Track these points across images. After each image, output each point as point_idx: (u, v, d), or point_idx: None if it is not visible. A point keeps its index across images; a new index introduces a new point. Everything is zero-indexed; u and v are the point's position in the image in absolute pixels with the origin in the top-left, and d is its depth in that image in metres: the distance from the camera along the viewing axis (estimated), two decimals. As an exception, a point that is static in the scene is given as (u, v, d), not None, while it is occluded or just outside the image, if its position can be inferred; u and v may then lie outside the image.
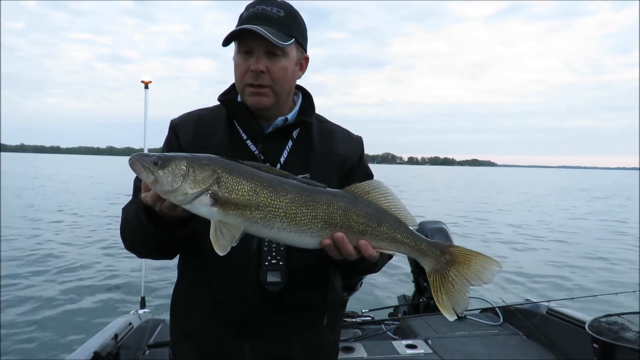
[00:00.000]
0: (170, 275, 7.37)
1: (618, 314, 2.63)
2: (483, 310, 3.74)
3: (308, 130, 1.49)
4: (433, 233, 3.74)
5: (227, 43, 1.37)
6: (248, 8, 1.39)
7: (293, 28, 1.39)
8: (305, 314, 1.45)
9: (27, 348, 5.16)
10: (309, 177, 1.41)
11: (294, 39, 1.38)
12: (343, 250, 1.17)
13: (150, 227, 1.23)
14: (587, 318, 2.75)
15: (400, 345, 3.09)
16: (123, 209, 1.43)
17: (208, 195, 1.09)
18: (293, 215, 1.13)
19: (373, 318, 3.81)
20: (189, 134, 1.47)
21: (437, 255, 1.21)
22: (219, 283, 1.39)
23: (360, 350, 3.02)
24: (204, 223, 1.14)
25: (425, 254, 1.22)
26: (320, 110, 1.56)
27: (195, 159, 1.12)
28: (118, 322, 3.22)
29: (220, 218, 1.11)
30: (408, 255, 1.25)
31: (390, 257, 1.41)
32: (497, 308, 3.64)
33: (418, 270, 4.01)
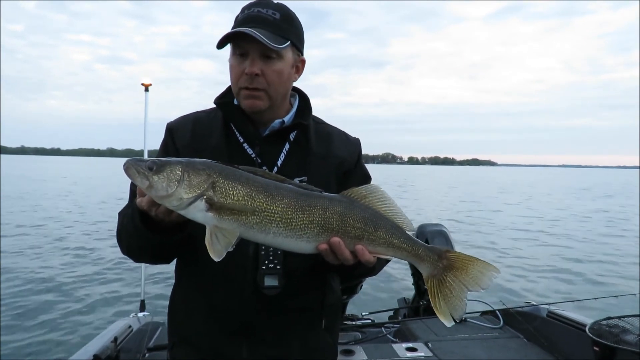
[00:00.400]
0: (170, 278, 7.35)
1: (619, 317, 2.63)
2: (483, 313, 3.73)
3: (305, 133, 1.48)
4: (433, 236, 3.74)
5: (221, 46, 1.36)
6: (243, 10, 1.38)
7: (289, 31, 1.38)
8: (303, 317, 1.44)
9: (26, 351, 5.16)
10: (307, 179, 1.40)
11: (290, 42, 1.37)
12: (339, 255, 1.16)
13: (146, 232, 1.22)
14: (587, 321, 2.74)
15: (401, 348, 3.09)
16: (119, 213, 1.42)
17: (203, 201, 1.09)
18: (289, 220, 1.12)
19: (373, 321, 3.79)
20: (186, 137, 1.46)
21: (434, 261, 1.20)
22: (217, 287, 1.39)
23: (360, 353, 3.01)
24: (200, 228, 1.13)
25: (423, 259, 1.21)
26: (320, 111, 1.55)
27: (190, 164, 1.11)
28: (118, 325, 3.23)
29: (216, 223, 1.10)
30: (405, 260, 1.24)
31: (388, 260, 1.41)
32: (497, 311, 3.63)
33: (418, 274, 3.99)
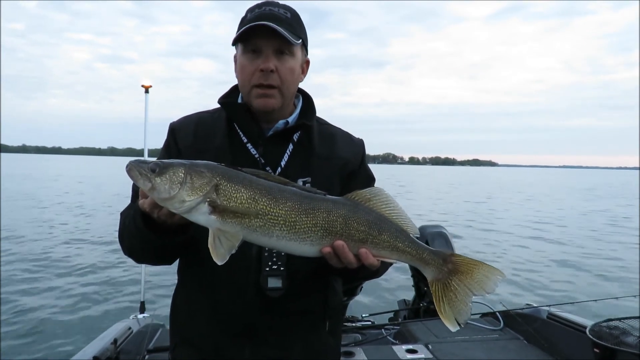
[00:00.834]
0: (170, 280, 7.34)
1: (619, 319, 2.63)
2: (483, 315, 3.73)
3: (309, 134, 1.47)
4: (433, 237, 3.73)
5: (237, 42, 1.36)
6: (253, 9, 1.37)
7: (299, 30, 1.39)
8: (306, 319, 1.44)
9: (27, 352, 5.14)
10: (310, 180, 1.39)
11: (301, 40, 1.38)
12: (343, 259, 1.15)
13: (148, 233, 1.21)
14: (588, 323, 2.75)
15: (401, 350, 3.09)
16: (121, 214, 1.41)
17: (206, 203, 1.08)
18: (292, 223, 1.11)
19: (373, 323, 3.79)
20: (189, 138, 1.45)
21: (439, 265, 1.19)
22: (219, 289, 1.38)
23: (361, 355, 3.01)
24: (203, 229, 1.12)
25: (427, 263, 1.19)
26: (321, 111, 1.55)
27: (193, 166, 1.10)
28: (117, 326, 3.23)
29: (219, 226, 1.09)
30: (410, 264, 1.23)
31: (392, 263, 1.41)
32: (497, 313, 3.63)
33: (418, 275, 4.00)
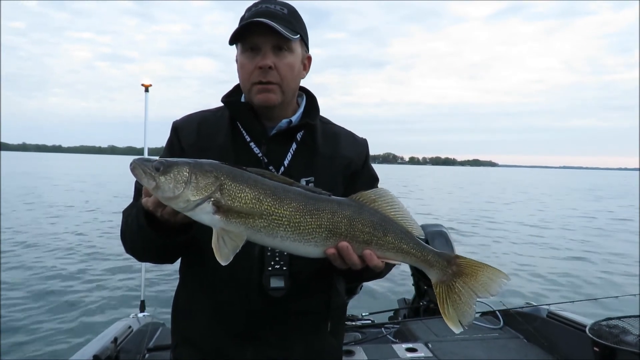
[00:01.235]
0: (171, 279, 7.35)
1: (619, 318, 2.63)
2: (483, 314, 3.74)
3: (312, 133, 1.46)
4: (433, 237, 3.73)
5: (234, 41, 1.36)
6: (251, 8, 1.38)
7: (297, 26, 1.38)
8: (308, 319, 1.43)
9: (26, 350, 5.13)
10: (314, 179, 1.39)
11: (300, 36, 1.38)
12: (347, 260, 1.15)
13: (151, 232, 1.21)
14: (587, 321, 2.75)
15: (401, 349, 3.09)
16: (123, 212, 1.41)
17: (210, 203, 1.07)
18: (297, 224, 1.11)
19: (373, 321, 3.80)
20: (192, 137, 1.44)
21: (443, 266, 1.18)
22: (221, 288, 1.38)
23: (361, 354, 3.02)
24: (206, 229, 1.12)
25: (432, 265, 1.19)
26: (321, 110, 1.53)
27: (198, 165, 1.10)
28: (118, 325, 3.22)
29: (223, 226, 1.08)
30: (414, 266, 1.23)
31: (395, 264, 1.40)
32: (497, 311, 3.63)
33: (418, 274, 4.00)
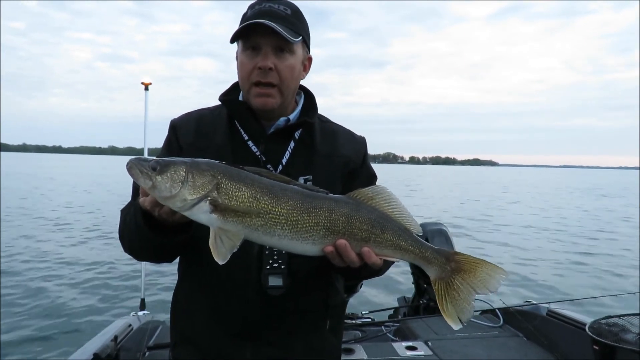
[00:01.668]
0: (171, 277, 7.35)
1: (618, 316, 2.63)
2: (483, 312, 3.74)
3: (310, 131, 1.46)
4: (433, 235, 3.73)
5: (235, 39, 1.35)
6: (253, 6, 1.36)
7: (300, 27, 1.37)
8: (307, 318, 1.43)
9: (27, 349, 5.15)
10: (312, 178, 1.39)
11: (301, 37, 1.37)
12: (345, 258, 1.15)
13: (148, 232, 1.21)
14: (587, 320, 2.75)
15: (400, 347, 3.09)
16: (122, 211, 1.41)
17: (207, 202, 1.07)
18: (294, 223, 1.11)
19: (373, 320, 3.80)
20: (190, 135, 1.44)
21: (442, 263, 1.18)
22: (220, 287, 1.38)
23: (360, 352, 3.02)
24: (204, 228, 1.12)
25: (430, 262, 1.19)
26: (322, 110, 1.54)
27: (195, 165, 1.09)
28: (118, 323, 3.23)
29: (220, 225, 1.08)
30: (412, 263, 1.22)
31: (394, 262, 1.40)
32: (497, 309, 3.64)
33: (418, 272, 4.01)
